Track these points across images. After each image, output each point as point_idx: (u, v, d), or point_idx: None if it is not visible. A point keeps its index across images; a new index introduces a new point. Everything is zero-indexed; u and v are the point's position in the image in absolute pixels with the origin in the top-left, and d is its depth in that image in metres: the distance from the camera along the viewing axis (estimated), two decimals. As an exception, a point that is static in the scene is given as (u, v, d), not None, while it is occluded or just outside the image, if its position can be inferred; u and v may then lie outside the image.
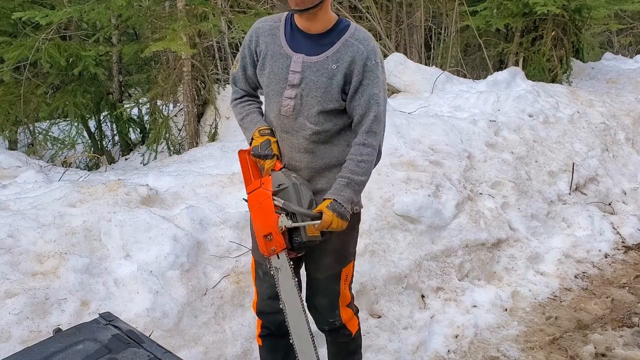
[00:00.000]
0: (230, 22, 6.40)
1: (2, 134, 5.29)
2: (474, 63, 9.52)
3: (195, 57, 5.05)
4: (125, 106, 5.54)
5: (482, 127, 4.85)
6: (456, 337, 3.18)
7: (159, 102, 5.60)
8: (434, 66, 8.08)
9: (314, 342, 2.00)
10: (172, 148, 5.27)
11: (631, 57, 10.46)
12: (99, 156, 5.29)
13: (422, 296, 3.40)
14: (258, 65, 2.10)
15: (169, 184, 3.39)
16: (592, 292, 3.82)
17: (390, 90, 6.65)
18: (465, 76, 8.13)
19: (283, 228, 1.94)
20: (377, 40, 7.24)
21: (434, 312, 3.30)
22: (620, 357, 3.07)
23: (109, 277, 2.58)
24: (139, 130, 5.90)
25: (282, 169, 2.06)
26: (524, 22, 7.46)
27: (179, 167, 4.08)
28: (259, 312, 2.28)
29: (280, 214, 1.95)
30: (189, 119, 5.13)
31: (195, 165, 4.09)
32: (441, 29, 9.84)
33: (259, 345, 2.38)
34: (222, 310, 2.75)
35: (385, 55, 7.37)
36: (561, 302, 3.67)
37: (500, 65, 8.21)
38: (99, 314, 1.75)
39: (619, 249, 4.42)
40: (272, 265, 2.00)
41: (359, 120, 2.03)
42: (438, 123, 4.68)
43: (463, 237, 3.73)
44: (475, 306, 3.44)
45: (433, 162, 4.10)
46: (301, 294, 2.07)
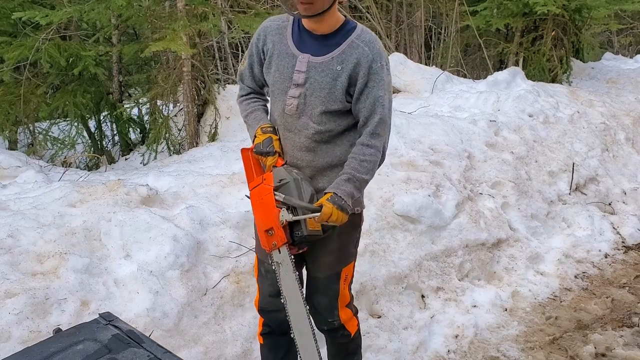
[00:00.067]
0: (230, 22, 6.40)
1: (2, 134, 5.29)
2: (474, 63, 9.52)
3: (195, 57, 5.05)
4: (125, 106, 5.53)
5: (482, 127, 4.85)
6: (456, 337, 3.18)
7: (159, 102, 5.60)
8: (434, 66, 8.08)
9: (315, 336, 2.00)
10: (172, 148, 5.27)
11: (631, 57, 10.46)
12: (99, 156, 5.29)
13: (422, 296, 3.40)
14: (265, 64, 2.12)
15: (169, 184, 3.39)
16: (592, 292, 3.82)
17: (390, 90, 6.63)
18: (465, 76, 8.13)
19: (284, 222, 1.94)
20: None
21: (434, 312, 3.30)
22: (620, 357, 3.07)
23: (109, 277, 2.59)
24: (139, 130, 5.89)
25: (284, 165, 2.08)
26: (524, 22, 7.46)
27: (179, 167, 4.08)
28: (260, 310, 2.29)
29: (282, 208, 1.95)
30: (189, 119, 5.12)
31: (195, 165, 4.09)
32: (441, 29, 9.85)
33: (260, 344, 2.38)
34: (222, 310, 2.75)
35: (385, 55, 7.36)
36: (561, 302, 3.67)
37: (500, 65, 8.21)
38: (99, 314, 1.75)
39: (619, 249, 4.42)
40: (273, 260, 2.01)
41: (364, 122, 2.03)
42: (438, 123, 4.68)
43: (463, 237, 3.73)
44: (475, 306, 3.44)
45: (433, 162, 4.10)
46: (303, 289, 2.07)
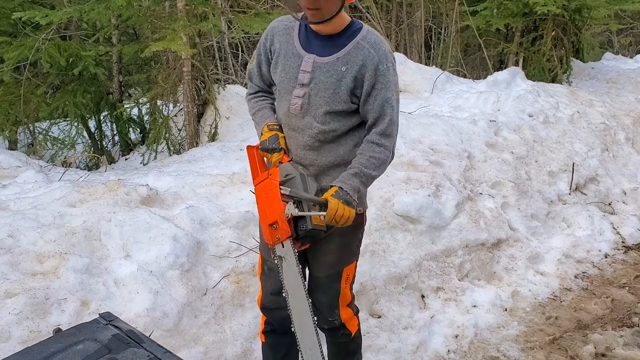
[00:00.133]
0: (230, 22, 6.40)
1: (2, 134, 5.28)
2: (474, 63, 9.52)
3: (195, 57, 5.05)
4: (125, 106, 5.52)
5: (482, 127, 4.85)
6: (456, 337, 3.18)
7: (159, 102, 5.59)
8: (434, 66, 8.08)
9: (316, 331, 2.00)
10: (172, 148, 5.26)
11: (631, 57, 10.45)
12: (99, 156, 5.28)
13: (422, 296, 3.40)
14: (272, 63, 2.14)
15: (169, 184, 3.39)
16: (592, 292, 3.82)
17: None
18: (465, 76, 8.13)
19: (289, 216, 1.95)
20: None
21: (434, 312, 3.30)
22: (620, 357, 3.07)
23: (109, 277, 2.59)
24: (139, 130, 5.88)
25: (290, 161, 2.10)
26: (524, 22, 7.46)
27: (179, 167, 4.08)
28: (262, 308, 2.31)
29: (288, 202, 1.96)
30: (189, 119, 5.12)
31: (195, 165, 4.09)
32: (441, 29, 9.85)
33: (261, 342, 2.39)
34: (222, 310, 2.75)
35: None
36: (561, 302, 3.67)
37: (500, 65, 8.21)
38: (99, 314, 1.75)
39: (619, 249, 4.42)
40: (276, 254, 2.01)
41: (372, 122, 2.05)
42: (438, 123, 4.68)
43: (463, 237, 3.73)
44: (475, 306, 3.44)
45: (433, 162, 4.10)
46: (305, 283, 2.07)
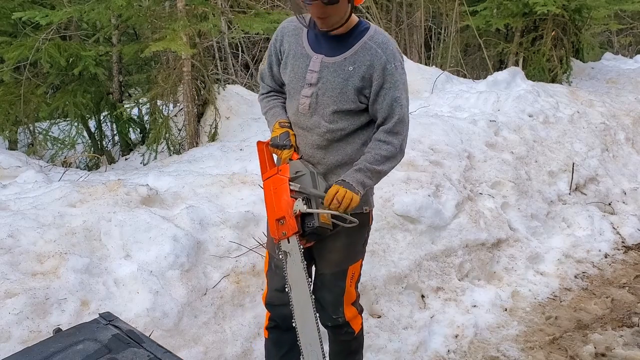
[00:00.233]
0: (230, 22, 6.40)
1: (2, 134, 5.28)
2: (474, 63, 9.52)
3: (195, 57, 5.05)
4: (125, 106, 5.52)
5: (482, 127, 4.85)
6: (456, 337, 3.18)
7: (159, 102, 5.59)
8: (434, 66, 8.09)
9: (318, 327, 2.01)
10: (172, 148, 5.26)
11: (631, 57, 10.45)
12: (99, 156, 5.28)
13: (422, 296, 3.40)
14: (282, 64, 2.17)
15: (169, 184, 3.39)
16: (592, 292, 3.82)
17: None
18: (465, 76, 8.13)
19: (297, 212, 1.97)
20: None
21: (434, 312, 3.30)
22: (620, 357, 3.07)
23: (109, 277, 2.59)
24: (139, 130, 5.88)
25: (300, 159, 2.12)
26: (524, 22, 7.46)
27: (179, 167, 4.08)
28: (267, 304, 2.33)
29: (297, 199, 1.98)
30: (189, 119, 5.12)
31: (195, 165, 4.09)
32: (441, 29, 9.85)
33: (265, 338, 2.42)
34: (222, 310, 2.75)
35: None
36: (561, 302, 3.67)
37: (500, 65, 8.21)
38: (99, 314, 1.75)
39: (619, 249, 4.42)
40: (281, 250, 2.02)
41: (382, 121, 2.07)
42: (438, 123, 4.68)
43: (463, 237, 3.73)
44: (475, 306, 3.44)
45: (433, 162, 4.10)
46: (310, 280, 2.08)
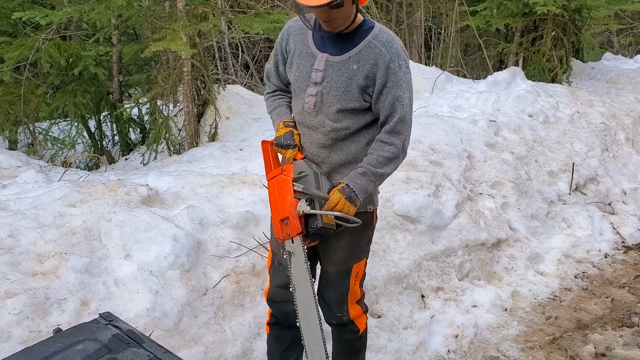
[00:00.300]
0: (230, 22, 6.40)
1: (2, 134, 5.28)
2: (474, 63, 9.52)
3: (195, 57, 5.05)
4: (125, 106, 5.53)
5: (482, 127, 4.85)
6: (456, 337, 3.18)
7: (159, 102, 5.59)
8: (434, 66, 8.09)
9: (321, 327, 2.02)
10: (172, 148, 5.27)
11: (631, 57, 10.45)
12: (99, 156, 5.28)
13: (422, 296, 3.40)
14: (287, 63, 2.18)
15: (169, 184, 3.39)
16: (592, 292, 3.82)
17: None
18: (465, 76, 8.13)
19: (301, 213, 1.98)
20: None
21: (434, 312, 3.30)
22: (620, 357, 3.07)
23: (109, 277, 2.59)
24: (139, 130, 5.89)
25: (304, 159, 2.13)
26: (524, 22, 7.46)
27: (179, 167, 4.08)
28: (269, 300, 2.35)
29: (300, 199, 1.99)
30: (189, 119, 5.12)
31: (195, 165, 4.09)
32: (441, 29, 9.85)
33: (267, 333, 2.44)
34: (222, 310, 2.75)
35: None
36: (561, 302, 3.67)
37: (500, 65, 8.21)
38: (99, 314, 1.75)
39: (619, 249, 4.42)
40: (285, 249, 2.04)
41: (384, 120, 2.08)
42: (438, 123, 4.68)
43: (463, 237, 3.73)
44: (475, 306, 3.44)
45: (433, 162, 4.10)
46: (313, 280, 2.09)
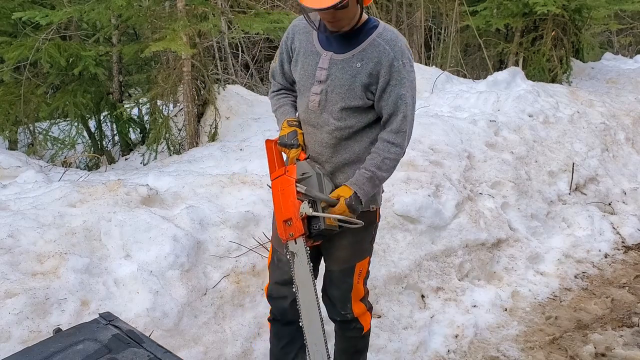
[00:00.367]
0: (230, 22, 6.40)
1: (2, 134, 5.28)
2: (474, 63, 9.52)
3: (195, 57, 5.05)
4: (125, 106, 5.53)
5: (482, 127, 4.85)
6: (456, 337, 3.18)
7: (159, 102, 5.59)
8: (434, 66, 8.09)
9: (323, 327, 2.04)
10: (172, 148, 5.27)
11: (631, 57, 10.45)
12: (99, 156, 5.28)
13: (422, 296, 3.40)
14: (292, 61, 2.19)
15: (169, 184, 3.39)
16: (592, 292, 3.82)
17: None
18: (465, 76, 8.13)
19: (303, 215, 2.00)
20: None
21: (434, 312, 3.30)
22: (620, 357, 3.07)
23: (109, 277, 2.58)
24: (139, 130, 5.89)
25: (307, 159, 2.13)
26: (524, 22, 7.46)
27: (179, 167, 4.08)
28: (268, 296, 2.37)
29: (303, 201, 2.00)
30: (189, 119, 5.12)
31: (195, 165, 4.09)
32: (441, 29, 9.86)
33: (269, 329, 2.45)
34: (222, 310, 2.75)
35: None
36: (561, 302, 3.67)
37: (500, 65, 8.21)
38: (99, 314, 1.75)
39: (619, 249, 4.42)
40: (289, 250, 2.06)
41: (387, 119, 2.09)
42: (438, 123, 4.68)
43: (463, 237, 3.73)
44: (475, 306, 3.44)
45: (433, 162, 4.10)
46: (315, 280, 2.11)
